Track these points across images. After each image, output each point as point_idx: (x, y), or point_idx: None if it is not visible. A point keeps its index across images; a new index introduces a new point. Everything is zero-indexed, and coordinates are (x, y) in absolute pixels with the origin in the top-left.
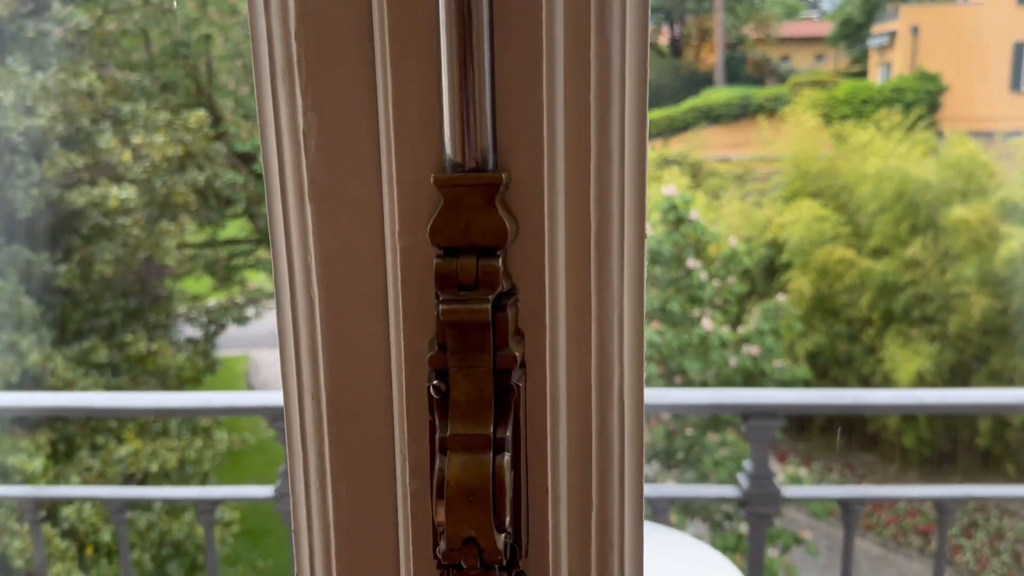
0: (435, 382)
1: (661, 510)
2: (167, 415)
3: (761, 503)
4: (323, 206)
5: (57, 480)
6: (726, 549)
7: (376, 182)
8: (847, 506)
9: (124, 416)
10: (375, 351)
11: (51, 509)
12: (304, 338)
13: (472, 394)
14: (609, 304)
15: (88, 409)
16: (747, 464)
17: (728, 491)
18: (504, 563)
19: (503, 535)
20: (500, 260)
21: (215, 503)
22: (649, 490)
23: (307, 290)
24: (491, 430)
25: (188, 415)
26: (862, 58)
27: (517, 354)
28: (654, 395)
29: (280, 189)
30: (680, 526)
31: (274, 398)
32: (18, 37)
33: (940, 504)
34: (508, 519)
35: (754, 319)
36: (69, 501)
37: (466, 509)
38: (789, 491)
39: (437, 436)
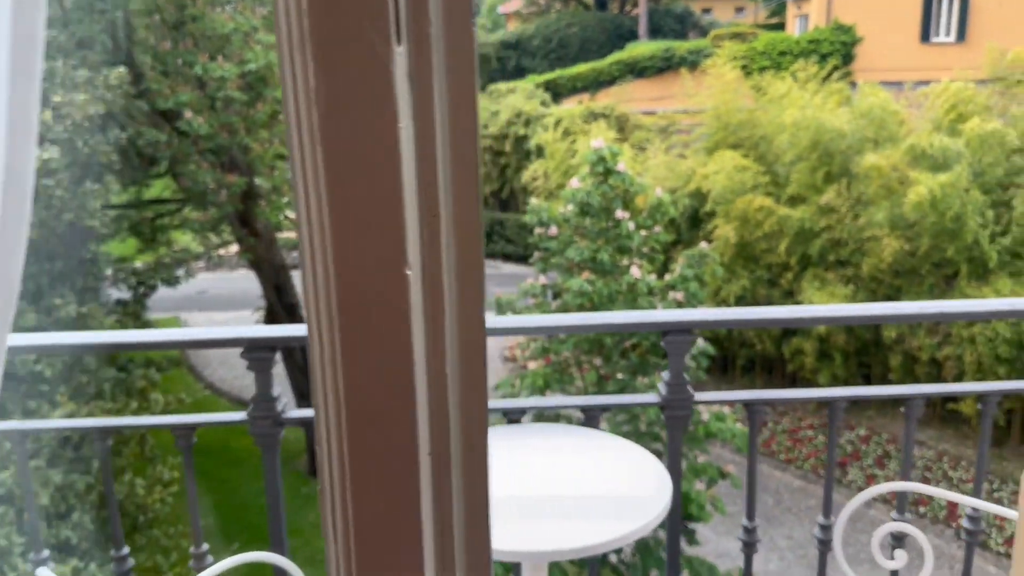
0: None
1: (593, 417)
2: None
3: (677, 407)
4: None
5: None
6: None
7: None
8: (750, 407)
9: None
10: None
11: None
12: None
13: None
14: None
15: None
16: (665, 374)
17: (649, 398)
18: None
19: None
20: None
21: (193, 428)
22: (580, 400)
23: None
24: None
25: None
26: (780, 10)
27: None
28: (588, 318)
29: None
30: None
31: (249, 331)
32: None
33: (830, 404)
34: None
35: (679, 266)
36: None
37: None
38: (701, 396)
39: None
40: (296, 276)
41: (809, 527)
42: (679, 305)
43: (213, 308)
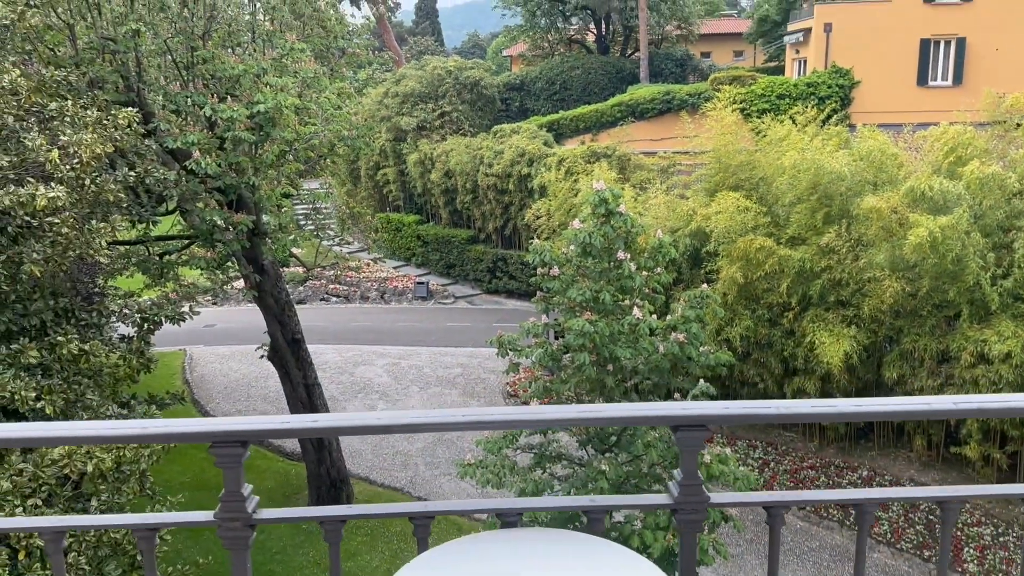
0: None
1: (596, 520)
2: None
3: (691, 510)
4: None
5: None
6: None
7: None
8: (771, 511)
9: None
10: None
11: None
12: None
13: None
14: None
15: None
16: (677, 473)
17: (660, 499)
18: None
19: None
20: None
21: (155, 530)
22: (584, 501)
23: None
24: None
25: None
26: (779, 54)
27: None
28: (594, 410)
29: None
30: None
31: (218, 424)
32: None
33: (859, 507)
34: None
35: (680, 307)
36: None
37: None
38: (717, 498)
39: None
40: (300, 311)
41: (812, 568)
42: (681, 346)
43: (218, 342)
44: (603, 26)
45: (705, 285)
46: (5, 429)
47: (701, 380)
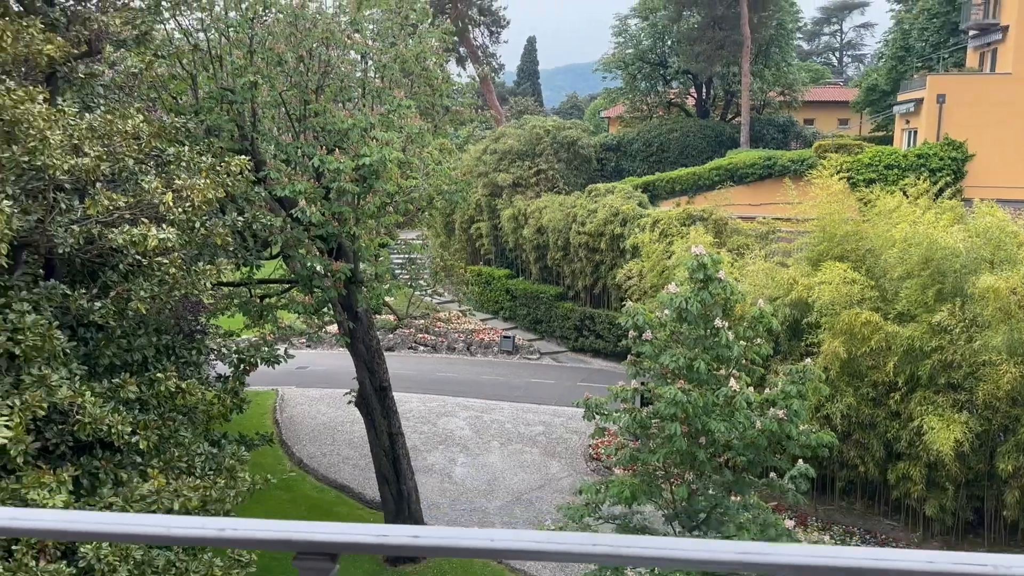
0: None
1: None
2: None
3: None
4: None
5: None
6: None
7: None
8: None
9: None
10: None
11: (66, 548)
12: None
13: None
14: None
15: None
16: None
17: None
18: None
19: None
20: None
21: None
22: None
23: None
24: None
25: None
26: (886, 124)
27: None
28: (769, 552)
29: None
30: None
31: (303, 530)
32: (69, 78)
33: None
34: None
35: (780, 381)
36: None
37: None
38: None
39: None
40: (388, 358)
41: None
42: (779, 423)
43: (309, 384)
44: (704, 90)
45: (808, 360)
46: (79, 519)
47: (800, 461)
